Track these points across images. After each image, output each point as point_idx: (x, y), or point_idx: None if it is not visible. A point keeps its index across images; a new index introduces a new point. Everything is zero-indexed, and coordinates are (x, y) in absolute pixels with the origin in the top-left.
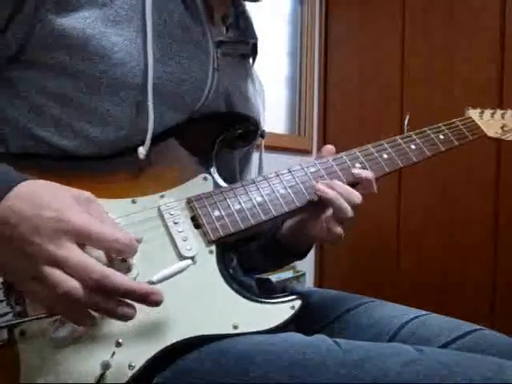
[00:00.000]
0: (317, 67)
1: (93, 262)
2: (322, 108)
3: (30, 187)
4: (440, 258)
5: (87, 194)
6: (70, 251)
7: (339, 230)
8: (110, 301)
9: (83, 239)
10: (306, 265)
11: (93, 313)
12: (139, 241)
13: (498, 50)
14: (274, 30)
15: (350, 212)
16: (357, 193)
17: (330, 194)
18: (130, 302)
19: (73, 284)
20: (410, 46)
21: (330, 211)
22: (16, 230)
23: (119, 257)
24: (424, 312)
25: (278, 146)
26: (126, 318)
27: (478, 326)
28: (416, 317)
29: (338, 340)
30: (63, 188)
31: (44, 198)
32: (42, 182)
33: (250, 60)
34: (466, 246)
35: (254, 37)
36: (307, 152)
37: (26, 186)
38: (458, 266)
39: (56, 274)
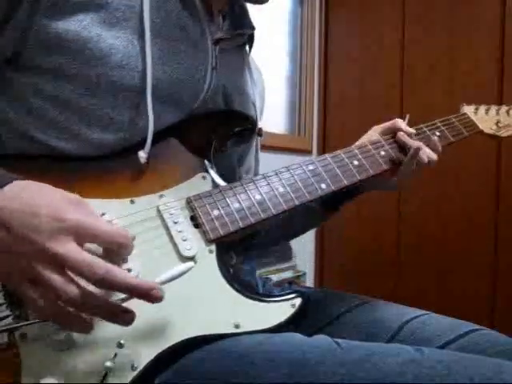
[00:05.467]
0: (317, 67)
1: (95, 258)
2: (322, 108)
3: (16, 188)
4: (440, 258)
5: (74, 195)
6: (72, 249)
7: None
8: (108, 306)
9: (82, 236)
10: (306, 265)
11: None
12: (133, 238)
13: (498, 50)
14: (274, 30)
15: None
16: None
17: (416, 143)
18: (128, 308)
19: (72, 289)
20: (410, 46)
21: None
22: (11, 229)
23: (120, 252)
24: (424, 312)
25: (278, 146)
26: (124, 322)
27: (478, 326)
28: (416, 317)
29: (337, 340)
30: (50, 188)
31: (34, 198)
32: (27, 182)
33: (247, 47)
34: (465, 246)
35: (251, 26)
36: (307, 152)
37: (13, 186)
38: (459, 265)
39: (54, 277)
